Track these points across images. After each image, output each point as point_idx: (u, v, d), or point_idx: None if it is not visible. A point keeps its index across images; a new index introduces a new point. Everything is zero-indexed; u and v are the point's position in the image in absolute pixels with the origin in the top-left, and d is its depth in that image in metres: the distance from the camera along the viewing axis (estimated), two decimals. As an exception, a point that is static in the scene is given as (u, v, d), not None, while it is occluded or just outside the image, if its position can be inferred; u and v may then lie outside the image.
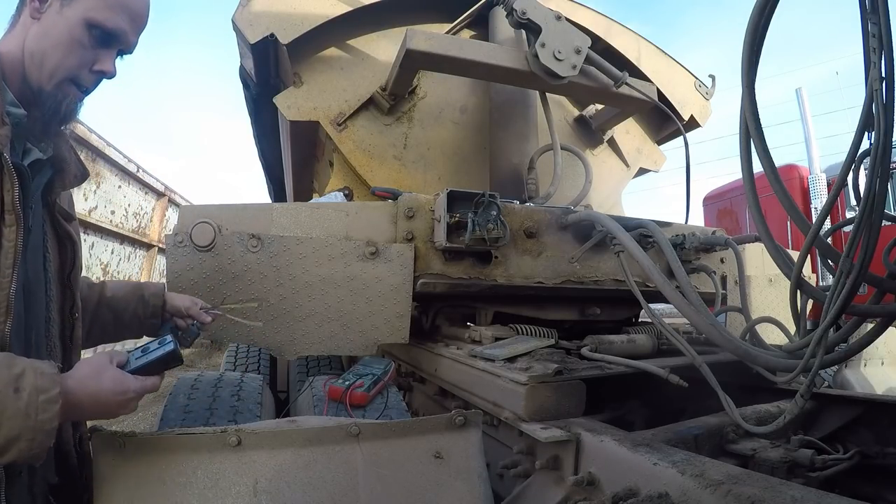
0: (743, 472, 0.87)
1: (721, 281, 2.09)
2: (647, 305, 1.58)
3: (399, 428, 1.00)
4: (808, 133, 7.16)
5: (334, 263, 1.63)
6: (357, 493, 0.92)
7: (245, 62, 2.59)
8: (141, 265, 7.79)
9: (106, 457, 0.89)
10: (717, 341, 1.25)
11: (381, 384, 1.43)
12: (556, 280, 1.85)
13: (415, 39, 1.98)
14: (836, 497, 0.77)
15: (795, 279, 1.06)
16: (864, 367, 2.92)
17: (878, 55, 0.81)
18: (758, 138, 1.02)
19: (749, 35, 0.99)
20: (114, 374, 0.88)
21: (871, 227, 0.87)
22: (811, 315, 1.79)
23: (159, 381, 0.95)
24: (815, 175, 6.83)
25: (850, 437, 1.41)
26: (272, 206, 1.69)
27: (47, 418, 0.76)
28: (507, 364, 1.39)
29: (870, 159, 0.85)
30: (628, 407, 1.59)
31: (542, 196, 2.22)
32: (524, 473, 1.21)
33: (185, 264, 1.52)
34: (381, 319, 1.68)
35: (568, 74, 2.08)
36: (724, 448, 1.24)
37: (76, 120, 1.02)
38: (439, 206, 1.69)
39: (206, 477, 0.89)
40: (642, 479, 0.93)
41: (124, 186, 7.03)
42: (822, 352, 1.00)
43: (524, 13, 2.01)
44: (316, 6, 2.27)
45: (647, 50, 2.88)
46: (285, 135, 3.11)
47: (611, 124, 2.84)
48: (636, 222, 1.77)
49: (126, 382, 0.88)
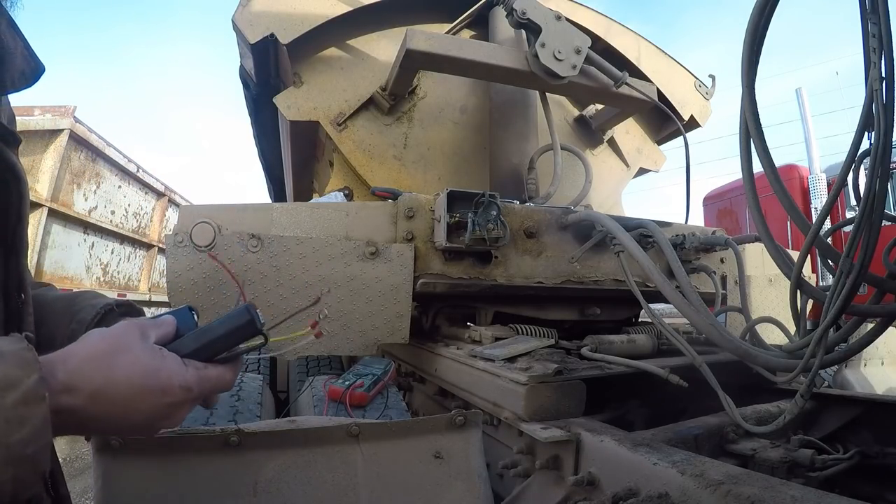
0: (743, 472, 0.87)
1: (721, 281, 2.09)
2: (647, 305, 1.58)
3: (399, 428, 1.00)
4: (808, 133, 7.17)
5: (334, 263, 1.63)
6: (357, 493, 0.92)
7: (245, 62, 2.59)
8: (141, 265, 7.80)
9: (105, 457, 0.88)
10: (717, 341, 1.25)
11: (381, 384, 1.43)
12: (556, 280, 1.85)
13: (415, 39, 1.98)
14: (836, 497, 0.77)
15: (795, 279, 1.06)
16: (864, 367, 2.93)
17: (878, 55, 0.81)
18: (758, 138, 1.02)
19: (749, 35, 0.99)
20: (146, 354, 0.55)
21: (871, 227, 0.87)
22: (811, 315, 1.79)
23: (235, 372, 0.63)
24: (815, 175, 6.84)
25: (850, 437, 1.41)
26: (272, 206, 1.69)
27: (28, 436, 0.44)
28: (507, 364, 1.39)
29: (870, 159, 0.85)
30: (628, 407, 1.59)
31: (542, 196, 2.22)
32: (524, 473, 1.21)
33: (185, 264, 1.52)
34: (381, 319, 1.68)
35: (568, 74, 2.08)
36: (724, 448, 1.24)
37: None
38: (439, 206, 1.69)
39: (206, 477, 0.89)
40: (642, 479, 0.93)
41: (124, 186, 7.03)
42: (822, 352, 1.00)
43: (524, 13, 2.01)
44: (316, 6, 2.27)
45: (647, 50, 2.88)
46: (285, 135, 3.12)
47: (611, 124, 2.84)
48: (636, 222, 1.77)
49: (171, 370, 0.55)
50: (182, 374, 0.56)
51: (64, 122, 5.39)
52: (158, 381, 0.54)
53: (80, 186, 6.03)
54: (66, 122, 5.41)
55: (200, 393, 0.58)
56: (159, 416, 0.56)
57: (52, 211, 5.40)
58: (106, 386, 0.52)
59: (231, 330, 0.61)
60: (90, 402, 0.51)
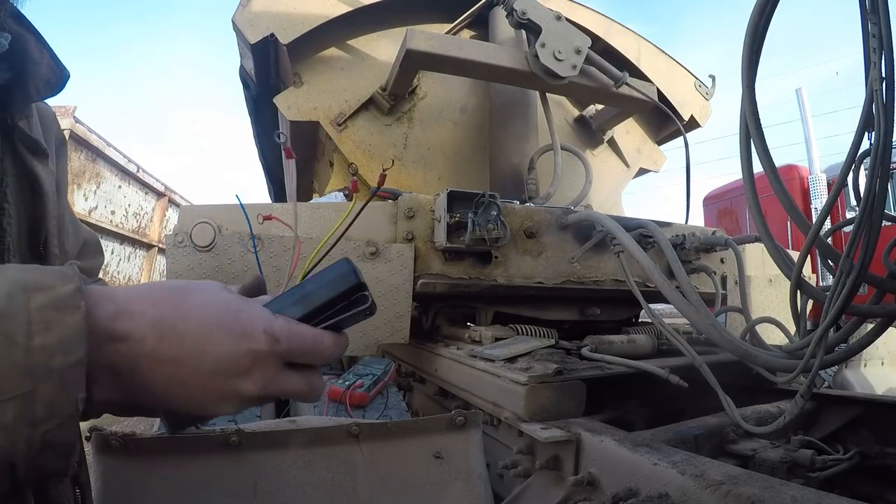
0: (743, 473, 0.87)
1: (721, 281, 2.09)
2: (647, 305, 1.58)
3: (399, 428, 1.00)
4: (808, 133, 7.18)
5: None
6: (357, 493, 0.92)
7: (245, 62, 2.59)
8: (141, 265, 7.80)
9: (105, 457, 0.88)
10: (717, 341, 1.25)
11: (381, 384, 1.43)
12: (556, 280, 1.85)
13: (415, 39, 1.98)
14: (836, 497, 0.77)
15: (795, 279, 1.06)
16: (864, 367, 2.93)
17: (878, 55, 0.81)
18: (758, 138, 1.02)
19: (749, 35, 0.99)
20: (224, 295, 0.47)
21: (871, 227, 0.87)
22: (811, 315, 1.79)
23: (337, 340, 0.51)
24: (815, 175, 6.84)
25: (850, 437, 1.41)
26: (272, 206, 1.69)
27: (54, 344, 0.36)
28: (507, 364, 1.39)
29: (870, 159, 0.85)
30: (628, 407, 1.59)
31: (542, 196, 2.22)
32: (524, 473, 1.21)
33: (185, 264, 1.52)
34: (381, 319, 1.68)
35: (568, 74, 2.08)
36: (724, 448, 1.24)
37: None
38: (439, 207, 1.69)
39: (206, 477, 0.89)
40: (642, 479, 0.93)
41: (124, 186, 7.04)
42: (822, 352, 1.00)
43: (524, 13, 2.01)
44: (316, 6, 2.27)
45: (647, 50, 2.89)
46: (285, 135, 3.12)
47: (611, 124, 2.84)
48: (636, 222, 1.77)
49: (254, 312, 0.46)
50: (269, 320, 0.46)
51: (64, 122, 5.40)
52: (238, 321, 0.45)
53: (81, 186, 6.04)
54: (67, 122, 5.42)
55: (290, 349, 0.47)
56: (238, 369, 0.44)
57: (52, 211, 5.40)
58: (173, 315, 0.43)
59: (335, 296, 0.50)
60: (152, 331, 0.42)
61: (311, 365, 0.51)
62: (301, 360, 0.49)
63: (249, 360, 0.45)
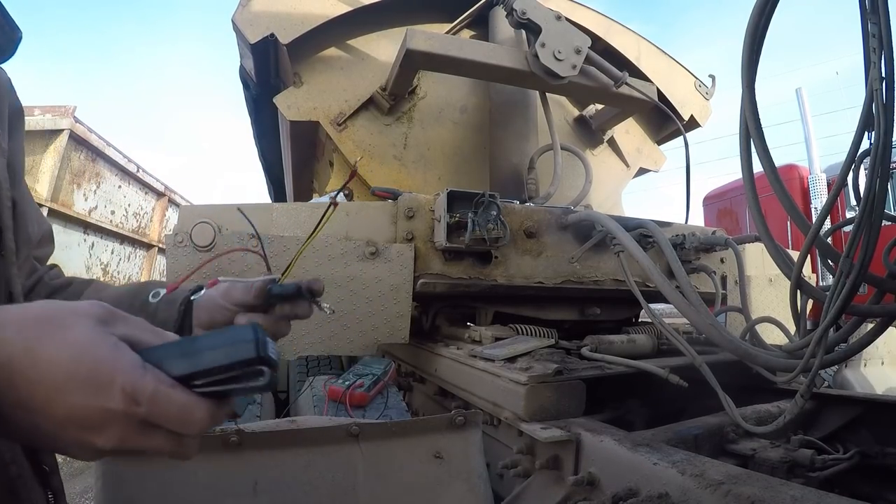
0: (743, 472, 0.87)
1: (721, 281, 2.09)
2: (647, 305, 1.58)
3: (399, 428, 1.00)
4: (808, 133, 7.17)
5: (334, 263, 1.63)
6: (357, 493, 0.92)
7: (245, 62, 2.59)
8: (141, 265, 7.79)
9: (106, 457, 0.88)
10: (717, 341, 1.25)
11: (381, 384, 1.43)
12: (556, 280, 1.85)
13: (415, 39, 1.98)
14: (836, 497, 0.77)
15: (795, 279, 1.06)
16: (864, 367, 2.92)
17: (878, 55, 0.81)
18: (758, 138, 1.02)
19: (749, 35, 0.99)
20: (89, 337, 0.40)
21: (871, 227, 0.87)
22: (811, 315, 1.79)
23: (214, 411, 0.43)
24: (815, 175, 6.83)
25: (850, 437, 1.41)
26: (272, 206, 1.69)
27: None
28: (507, 364, 1.39)
29: (870, 159, 0.85)
30: (628, 407, 1.59)
31: (542, 196, 2.22)
32: (524, 473, 1.21)
33: (185, 264, 1.52)
34: (381, 319, 1.68)
35: (568, 74, 2.08)
36: (724, 448, 1.24)
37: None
38: (439, 206, 1.69)
39: (206, 477, 0.89)
40: (642, 479, 0.93)
41: (124, 186, 7.03)
42: (822, 352, 1.00)
43: (524, 13, 2.01)
44: (316, 6, 2.27)
45: (647, 50, 2.89)
46: (285, 135, 3.11)
47: (611, 124, 2.84)
48: (636, 222, 1.77)
49: (116, 366, 0.39)
50: (131, 376, 0.39)
51: (64, 122, 5.39)
52: (94, 373, 0.39)
53: (80, 186, 6.03)
54: (66, 122, 5.41)
55: (151, 413, 0.40)
56: (89, 424, 0.39)
57: (51, 211, 5.40)
58: (23, 358, 0.38)
59: (228, 363, 0.42)
60: (0, 372, 0.38)
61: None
62: (164, 426, 0.42)
63: (100, 418, 0.39)
